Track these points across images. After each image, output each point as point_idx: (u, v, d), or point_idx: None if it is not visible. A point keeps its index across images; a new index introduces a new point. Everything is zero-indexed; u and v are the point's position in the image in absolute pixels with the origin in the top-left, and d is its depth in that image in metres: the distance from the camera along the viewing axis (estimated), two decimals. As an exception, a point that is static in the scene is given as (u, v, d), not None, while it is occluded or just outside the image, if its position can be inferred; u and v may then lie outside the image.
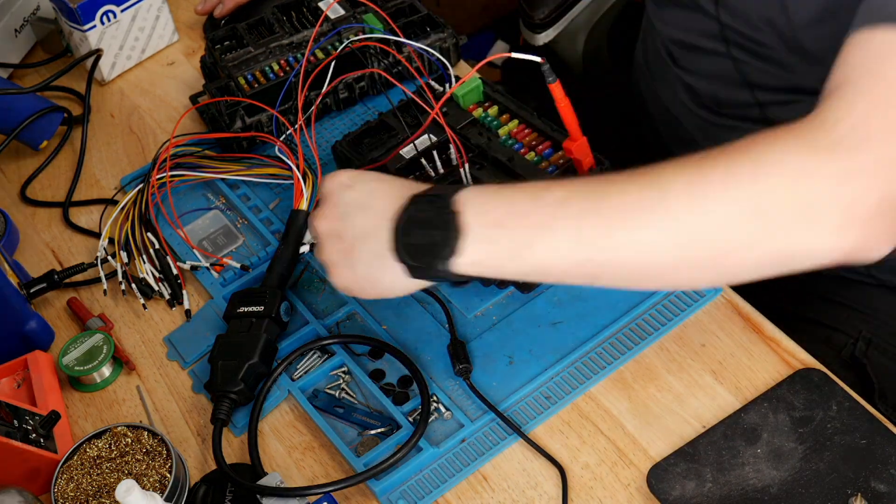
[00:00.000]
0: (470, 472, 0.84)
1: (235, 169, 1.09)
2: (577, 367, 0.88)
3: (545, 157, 0.95)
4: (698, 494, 0.78)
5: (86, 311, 1.01)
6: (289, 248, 0.97)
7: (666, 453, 0.82)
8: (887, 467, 0.77)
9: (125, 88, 1.27)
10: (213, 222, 1.07)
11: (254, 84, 1.10)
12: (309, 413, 0.89)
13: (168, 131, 1.18)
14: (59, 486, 0.83)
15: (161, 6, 1.27)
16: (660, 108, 1.19)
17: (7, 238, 1.07)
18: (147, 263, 1.02)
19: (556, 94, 0.85)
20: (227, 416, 0.88)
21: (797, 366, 0.86)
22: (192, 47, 1.30)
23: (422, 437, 0.85)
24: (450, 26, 1.15)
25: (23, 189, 1.17)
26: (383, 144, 1.00)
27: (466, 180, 0.94)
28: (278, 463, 0.87)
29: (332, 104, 1.14)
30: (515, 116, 0.99)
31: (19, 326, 0.96)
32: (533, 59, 0.82)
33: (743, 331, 0.89)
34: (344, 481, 0.82)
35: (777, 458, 0.79)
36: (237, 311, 0.93)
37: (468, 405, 0.88)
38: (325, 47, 1.12)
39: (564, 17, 1.56)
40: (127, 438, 0.85)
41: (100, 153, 1.19)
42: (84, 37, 1.22)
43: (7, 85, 1.20)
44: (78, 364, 0.94)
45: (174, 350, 0.97)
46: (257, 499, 0.82)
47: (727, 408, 0.84)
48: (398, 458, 0.83)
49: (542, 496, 0.82)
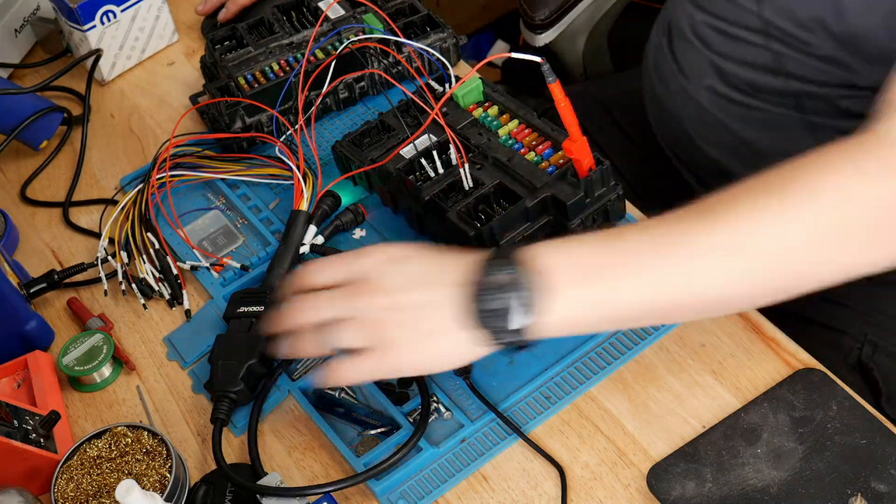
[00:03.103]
0: (470, 472, 0.84)
1: (235, 169, 1.09)
2: (577, 367, 0.88)
3: (545, 157, 0.95)
4: (698, 494, 0.78)
5: (86, 311, 1.01)
6: (289, 249, 0.97)
7: (666, 453, 0.82)
8: (887, 467, 0.77)
9: (125, 88, 1.27)
10: (213, 222, 1.07)
11: (254, 84, 1.10)
12: (309, 413, 0.89)
13: (168, 131, 1.18)
14: (59, 486, 0.83)
15: (161, 6, 1.27)
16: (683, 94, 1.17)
17: (7, 238, 1.07)
18: (147, 263, 1.02)
19: (556, 94, 0.85)
20: (227, 416, 0.88)
21: (797, 366, 0.86)
22: (192, 47, 1.30)
23: (422, 438, 0.85)
24: (450, 26, 1.15)
25: (23, 189, 1.17)
26: (383, 144, 1.00)
27: (466, 180, 0.94)
28: (278, 463, 0.87)
29: (332, 104, 1.14)
30: (515, 116, 0.99)
31: (19, 326, 0.96)
32: (533, 59, 0.82)
33: (743, 331, 0.89)
34: (344, 481, 0.82)
35: (777, 458, 0.79)
36: (237, 312, 0.93)
37: (468, 405, 0.88)
38: (325, 47, 1.12)
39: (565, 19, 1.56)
40: (127, 438, 0.85)
41: (100, 153, 1.19)
42: (84, 37, 1.22)
43: (7, 85, 1.20)
44: (78, 364, 0.94)
45: (174, 350, 0.97)
46: (257, 499, 0.82)
47: (727, 408, 0.84)
48: (398, 458, 0.83)
49: (542, 496, 0.82)
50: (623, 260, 0.75)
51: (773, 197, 0.73)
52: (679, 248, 0.74)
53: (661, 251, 0.75)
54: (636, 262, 0.75)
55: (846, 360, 1.04)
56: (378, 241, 1.01)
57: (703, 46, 1.11)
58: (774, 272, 0.74)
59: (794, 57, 1.00)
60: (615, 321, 0.78)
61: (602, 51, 1.62)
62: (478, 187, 0.94)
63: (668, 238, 0.75)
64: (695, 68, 1.14)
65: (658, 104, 1.24)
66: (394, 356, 0.77)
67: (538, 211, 0.92)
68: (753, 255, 0.73)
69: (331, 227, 1.00)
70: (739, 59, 1.07)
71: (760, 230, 0.73)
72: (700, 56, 1.12)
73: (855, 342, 1.05)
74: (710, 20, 1.09)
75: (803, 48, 0.99)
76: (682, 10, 1.15)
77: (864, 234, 0.73)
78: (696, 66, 1.13)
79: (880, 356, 1.04)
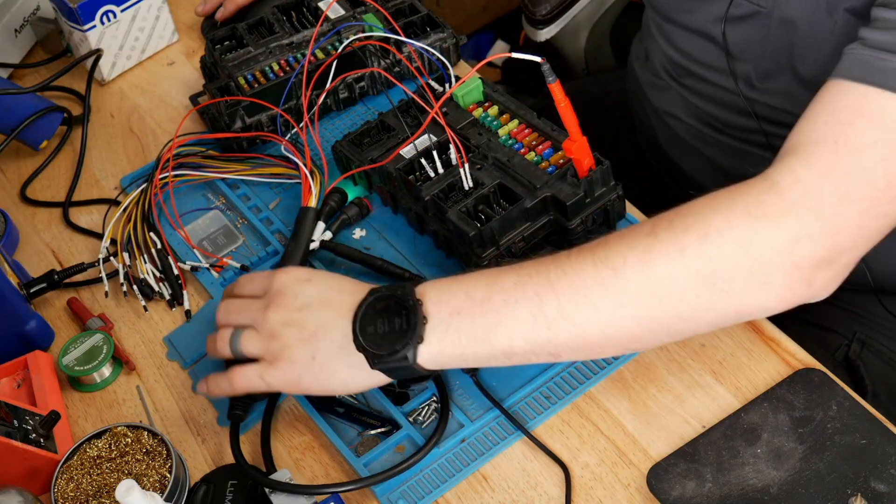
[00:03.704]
0: (470, 472, 0.84)
1: (239, 169, 1.09)
2: (576, 366, 0.88)
3: (545, 157, 0.95)
4: (698, 494, 0.78)
5: (86, 311, 1.01)
6: (300, 246, 0.97)
7: (666, 453, 0.82)
8: (887, 467, 0.77)
9: (125, 88, 1.27)
10: (213, 222, 1.07)
11: (254, 84, 1.10)
12: (309, 413, 0.89)
13: (168, 131, 1.18)
14: (59, 486, 0.83)
15: (161, 6, 1.27)
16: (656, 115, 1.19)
17: (7, 238, 1.07)
18: (148, 263, 1.02)
19: (556, 94, 0.85)
20: (245, 412, 0.88)
21: (797, 366, 0.86)
22: (192, 47, 1.30)
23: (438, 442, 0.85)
24: (450, 26, 1.15)
25: (23, 189, 1.17)
26: (383, 144, 1.00)
27: (466, 180, 0.94)
28: (278, 463, 0.87)
29: (333, 104, 1.14)
30: (515, 116, 0.99)
31: (19, 326, 0.96)
32: (533, 59, 0.82)
33: (743, 331, 0.89)
34: (354, 483, 0.82)
35: (777, 458, 0.79)
36: None
37: (468, 405, 0.88)
38: (325, 47, 1.12)
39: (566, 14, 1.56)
40: (127, 438, 0.85)
41: (100, 153, 1.19)
42: (84, 37, 1.22)
43: (7, 85, 1.20)
44: (78, 364, 0.94)
45: (174, 350, 0.97)
46: (258, 499, 0.82)
47: (727, 408, 0.84)
48: (413, 461, 0.83)
49: (542, 496, 0.82)
50: (498, 297, 0.76)
51: (654, 238, 0.74)
52: (558, 288, 0.75)
53: (539, 290, 0.76)
54: (511, 298, 0.76)
55: (833, 356, 1.04)
56: (378, 240, 1.01)
57: (669, 78, 1.13)
58: (655, 312, 0.75)
59: (763, 101, 1.01)
60: (498, 357, 0.78)
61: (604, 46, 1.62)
62: (478, 187, 0.94)
63: (548, 278, 0.76)
64: (664, 98, 1.15)
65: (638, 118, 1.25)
66: (291, 369, 0.81)
67: (538, 211, 0.92)
68: (631, 294, 0.74)
69: (338, 223, 1.01)
70: (708, 96, 1.08)
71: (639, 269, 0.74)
72: (668, 86, 1.13)
73: (843, 339, 1.05)
74: (673, 55, 1.10)
75: (773, 88, 1.00)
76: (650, 35, 1.16)
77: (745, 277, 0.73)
78: (666, 95, 1.15)
79: (868, 354, 1.04)
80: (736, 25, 0.99)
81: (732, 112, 1.06)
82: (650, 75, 1.17)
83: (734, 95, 1.03)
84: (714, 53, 1.03)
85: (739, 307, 0.75)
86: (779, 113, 1.01)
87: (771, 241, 0.73)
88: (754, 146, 1.06)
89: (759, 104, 1.02)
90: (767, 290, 0.74)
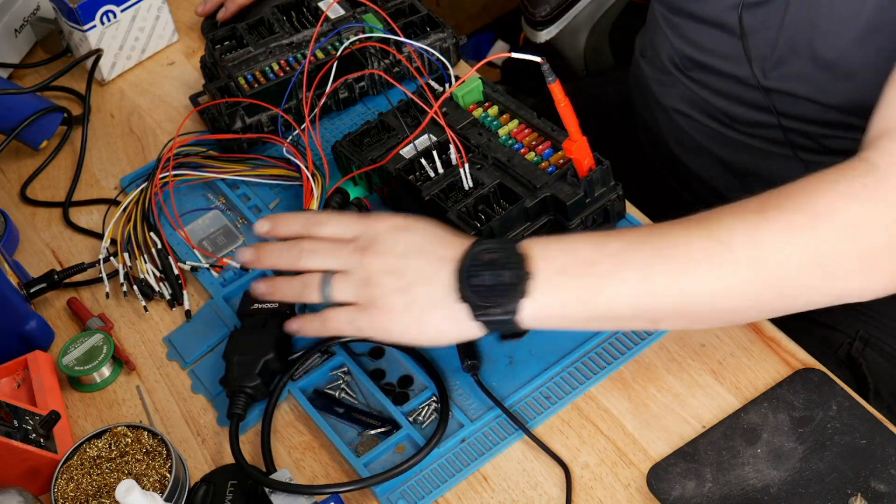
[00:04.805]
0: (470, 472, 0.84)
1: (239, 169, 1.09)
2: (577, 367, 0.88)
3: (545, 157, 0.95)
4: (698, 494, 0.78)
5: (86, 311, 1.01)
6: None
7: (666, 453, 0.82)
8: (887, 467, 0.77)
9: (125, 88, 1.27)
10: (213, 222, 1.07)
11: (254, 84, 1.10)
12: (309, 413, 0.89)
13: (168, 131, 1.18)
14: (59, 486, 0.83)
15: (161, 6, 1.27)
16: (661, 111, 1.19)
17: (7, 238, 1.07)
18: (148, 263, 1.02)
19: (556, 94, 0.85)
20: (244, 412, 0.88)
21: (797, 366, 0.86)
22: (192, 47, 1.30)
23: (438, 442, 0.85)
24: (450, 26, 1.15)
25: (23, 189, 1.17)
26: (383, 144, 1.00)
27: (466, 180, 0.94)
28: (278, 463, 0.87)
29: (332, 104, 1.14)
30: (515, 116, 0.99)
31: (19, 326, 0.96)
32: (533, 59, 0.82)
33: (743, 331, 0.89)
34: (354, 483, 0.82)
35: (777, 458, 0.79)
36: (251, 308, 0.93)
37: (468, 405, 0.88)
38: (325, 47, 1.12)
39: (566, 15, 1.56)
40: (127, 438, 0.85)
41: (100, 153, 1.19)
42: (84, 37, 1.22)
43: (7, 85, 1.20)
44: (78, 364, 0.94)
45: (174, 350, 0.97)
46: (258, 499, 0.82)
47: (727, 408, 0.84)
48: (414, 462, 0.83)
49: (542, 496, 0.82)
50: (607, 259, 0.76)
51: (762, 215, 0.75)
52: (668, 255, 0.75)
53: (650, 255, 0.76)
54: (619, 262, 0.76)
55: (835, 354, 1.04)
56: (378, 240, 1.01)
57: (677, 72, 1.12)
58: (760, 289, 0.75)
59: (782, 95, 1.01)
60: (599, 319, 0.78)
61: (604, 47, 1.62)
62: (478, 187, 0.94)
63: (658, 244, 0.76)
64: (670, 94, 1.15)
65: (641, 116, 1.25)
66: (383, 318, 0.79)
67: (538, 211, 0.92)
68: (739, 268, 0.74)
69: None
70: (720, 90, 1.08)
71: (749, 245, 0.74)
72: (675, 81, 1.13)
73: (845, 337, 1.05)
74: (684, 47, 1.10)
75: (790, 73, 0.99)
76: (657, 28, 1.16)
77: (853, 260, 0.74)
78: (672, 90, 1.14)
79: (870, 352, 1.04)
80: (754, 11, 0.99)
81: (742, 105, 1.06)
82: (656, 70, 1.17)
83: (745, 87, 1.03)
84: (727, 43, 1.02)
85: (842, 290, 0.76)
86: (789, 102, 1.00)
87: (883, 224, 0.73)
88: (763, 141, 1.06)
89: (772, 93, 1.02)
90: (875, 276, 0.74)
